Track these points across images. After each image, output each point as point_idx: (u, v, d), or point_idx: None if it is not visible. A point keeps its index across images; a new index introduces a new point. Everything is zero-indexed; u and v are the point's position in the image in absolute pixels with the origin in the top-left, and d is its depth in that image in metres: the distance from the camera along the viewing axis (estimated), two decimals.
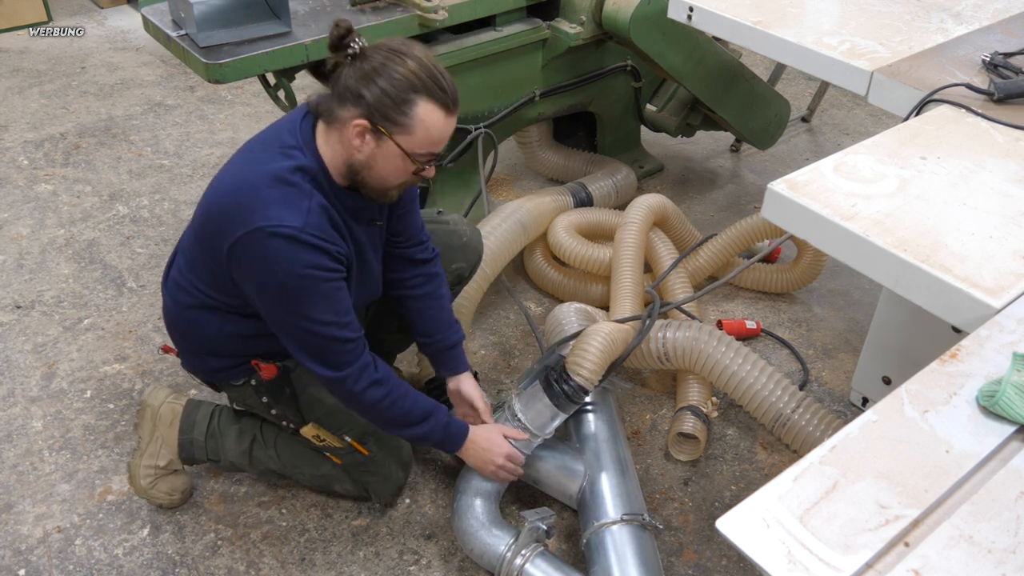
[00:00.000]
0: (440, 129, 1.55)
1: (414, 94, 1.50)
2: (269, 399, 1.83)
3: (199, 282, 1.71)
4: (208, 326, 1.74)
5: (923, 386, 1.13)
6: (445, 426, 1.79)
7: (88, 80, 4.06)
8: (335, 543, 1.96)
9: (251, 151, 1.65)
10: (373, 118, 1.51)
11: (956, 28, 2.10)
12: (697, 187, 3.35)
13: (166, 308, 1.82)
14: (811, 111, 3.81)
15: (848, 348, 2.56)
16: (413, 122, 1.51)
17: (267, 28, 2.21)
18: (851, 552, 0.91)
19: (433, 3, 2.35)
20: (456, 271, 2.12)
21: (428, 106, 1.51)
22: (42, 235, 2.98)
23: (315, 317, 1.58)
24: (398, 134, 1.53)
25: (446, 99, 1.53)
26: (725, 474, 2.16)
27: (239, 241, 1.53)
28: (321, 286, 1.56)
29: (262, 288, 1.58)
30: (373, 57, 1.51)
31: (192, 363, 1.86)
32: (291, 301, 1.56)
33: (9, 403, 2.31)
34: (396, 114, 1.51)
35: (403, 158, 1.56)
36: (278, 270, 1.53)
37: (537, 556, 1.77)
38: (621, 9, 2.58)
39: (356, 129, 1.52)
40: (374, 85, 1.49)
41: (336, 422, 1.85)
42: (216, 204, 1.62)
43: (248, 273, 1.58)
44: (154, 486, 1.96)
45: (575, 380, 1.89)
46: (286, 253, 1.51)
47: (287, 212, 1.52)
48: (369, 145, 1.54)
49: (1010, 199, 1.46)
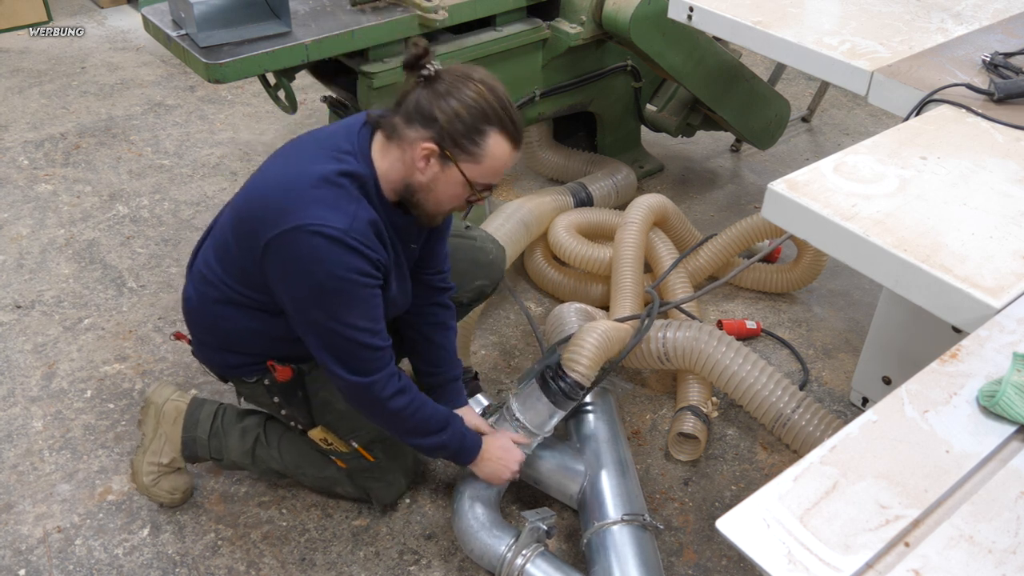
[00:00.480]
0: (505, 162, 1.56)
1: (487, 125, 1.50)
2: (281, 399, 1.82)
3: (228, 277, 1.69)
4: (231, 322, 1.73)
5: (923, 386, 1.13)
6: (462, 437, 1.79)
7: (88, 80, 4.06)
8: (335, 543, 1.96)
9: (301, 150, 1.63)
10: (443, 143, 1.51)
11: (956, 28, 2.10)
12: (697, 187, 3.35)
13: (188, 298, 1.80)
14: (811, 111, 3.81)
15: (848, 348, 2.56)
16: (482, 152, 1.52)
17: (267, 28, 2.21)
18: (851, 552, 0.91)
19: (433, 3, 2.35)
20: (478, 288, 2.12)
21: (499, 138, 1.52)
22: (42, 235, 2.98)
23: (350, 321, 1.56)
24: (465, 162, 1.53)
25: (516, 133, 1.55)
26: (725, 474, 2.16)
27: (277, 238, 1.51)
28: (360, 291, 1.55)
29: (297, 288, 1.55)
30: (449, 82, 1.51)
31: (206, 355, 1.85)
32: (327, 303, 1.54)
33: (9, 403, 2.31)
34: (467, 142, 1.51)
35: (464, 185, 1.56)
36: (318, 270, 1.51)
37: (538, 556, 1.77)
38: (621, 9, 2.58)
39: (423, 152, 1.52)
40: (449, 110, 1.49)
41: (345, 427, 1.85)
42: (257, 199, 1.60)
43: (283, 271, 1.55)
44: (156, 483, 1.97)
45: (571, 377, 1.88)
46: (328, 254, 1.50)
47: (332, 213, 1.50)
48: (433, 169, 1.54)
49: (1010, 199, 1.46)
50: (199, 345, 1.85)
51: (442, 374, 1.94)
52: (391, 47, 2.41)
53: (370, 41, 2.34)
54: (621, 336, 2.03)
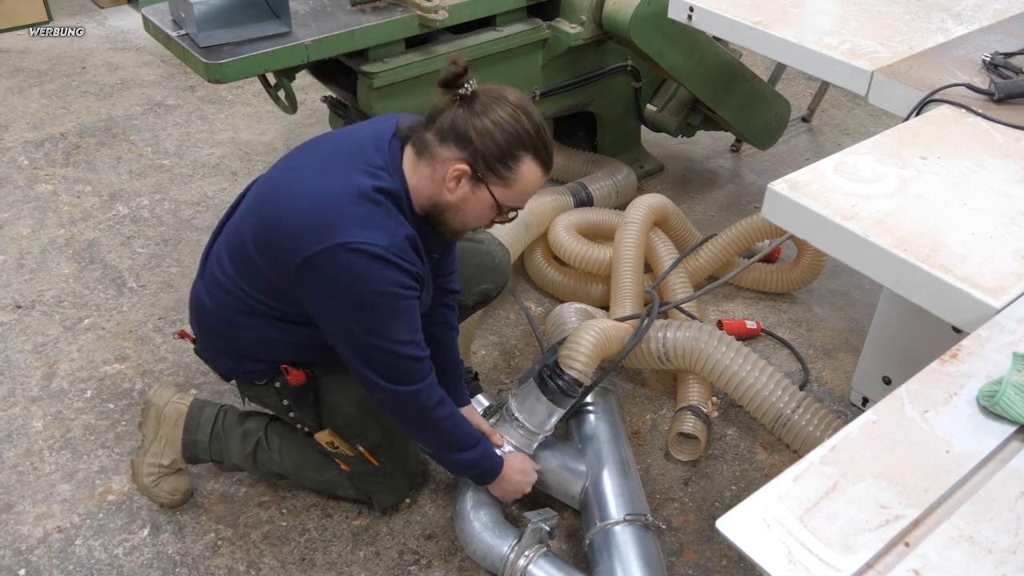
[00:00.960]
0: (535, 187, 1.57)
1: (522, 151, 1.50)
2: (291, 402, 1.80)
3: (250, 287, 1.66)
4: (253, 332, 1.70)
5: (923, 386, 1.13)
6: (492, 457, 1.80)
7: (88, 80, 4.06)
8: (335, 543, 1.96)
9: (330, 162, 1.59)
10: (476, 165, 1.51)
11: (956, 28, 2.10)
12: (697, 187, 3.35)
13: (201, 305, 1.75)
14: (811, 111, 3.81)
15: (848, 348, 2.56)
16: (515, 177, 1.52)
17: (267, 28, 2.21)
18: (851, 552, 0.91)
19: (433, 3, 2.35)
20: (483, 291, 2.12)
21: (532, 165, 1.52)
22: (42, 235, 2.98)
23: (392, 335, 1.56)
24: (496, 185, 1.53)
25: (548, 159, 1.55)
26: (725, 474, 2.16)
27: (317, 256, 1.50)
28: (401, 304, 1.55)
29: (337, 305, 1.54)
30: (486, 103, 1.50)
31: (215, 358, 1.82)
32: (369, 319, 1.54)
33: (9, 403, 2.31)
34: (500, 167, 1.51)
35: (492, 208, 1.57)
36: (360, 287, 1.50)
37: (540, 557, 1.77)
38: (621, 9, 2.58)
39: (455, 172, 1.51)
40: (485, 133, 1.49)
41: (352, 431, 1.84)
42: (289, 212, 1.55)
43: (321, 289, 1.53)
44: (157, 484, 1.96)
45: (568, 375, 1.88)
46: (370, 271, 1.49)
47: (372, 231, 1.49)
48: (463, 189, 1.54)
49: (1010, 199, 1.46)
50: (208, 348, 1.81)
51: (446, 373, 1.93)
52: (391, 47, 2.41)
53: (370, 41, 2.34)
54: (620, 335, 2.03)
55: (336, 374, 1.78)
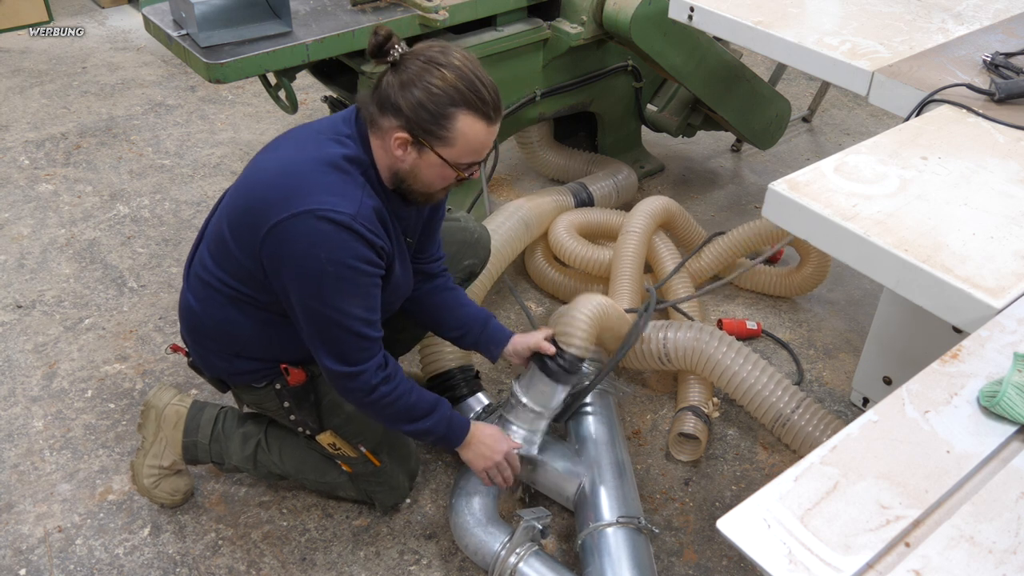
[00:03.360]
0: (482, 139, 1.53)
1: (453, 108, 1.48)
2: (291, 404, 1.80)
3: (229, 277, 1.66)
4: (239, 326, 1.70)
5: (924, 386, 1.13)
6: (448, 421, 1.77)
7: (89, 80, 4.06)
8: (336, 543, 1.96)
9: (300, 139, 1.62)
10: (413, 131, 1.50)
11: (957, 28, 2.10)
12: (698, 187, 3.35)
13: (189, 310, 1.75)
14: (812, 111, 3.81)
15: (849, 348, 2.56)
16: (454, 135, 1.50)
17: (268, 28, 2.21)
18: (852, 552, 0.91)
19: (434, 3, 2.35)
20: (468, 267, 2.12)
21: (468, 119, 1.50)
22: (43, 235, 2.98)
23: (348, 310, 1.55)
24: (439, 146, 1.52)
25: (487, 109, 1.51)
26: (726, 474, 2.16)
27: (282, 223, 1.49)
28: (362, 279, 1.54)
29: (299, 273, 1.52)
30: (410, 67, 1.48)
31: (211, 364, 1.80)
32: (329, 290, 1.53)
33: (10, 403, 2.31)
34: (436, 128, 1.49)
35: (446, 167, 1.55)
36: (323, 256, 1.49)
37: (531, 555, 1.77)
38: (622, 9, 2.58)
39: (397, 141, 1.51)
40: (413, 99, 1.47)
41: (352, 431, 1.84)
42: (259, 188, 1.57)
43: (286, 256, 1.52)
44: (157, 486, 1.96)
45: (569, 352, 1.86)
46: (336, 240, 1.48)
47: (339, 199, 1.49)
48: (411, 155, 1.54)
49: (1011, 199, 1.46)
50: (203, 355, 1.80)
51: (474, 326, 1.91)
52: None
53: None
54: (617, 312, 2.00)
55: None
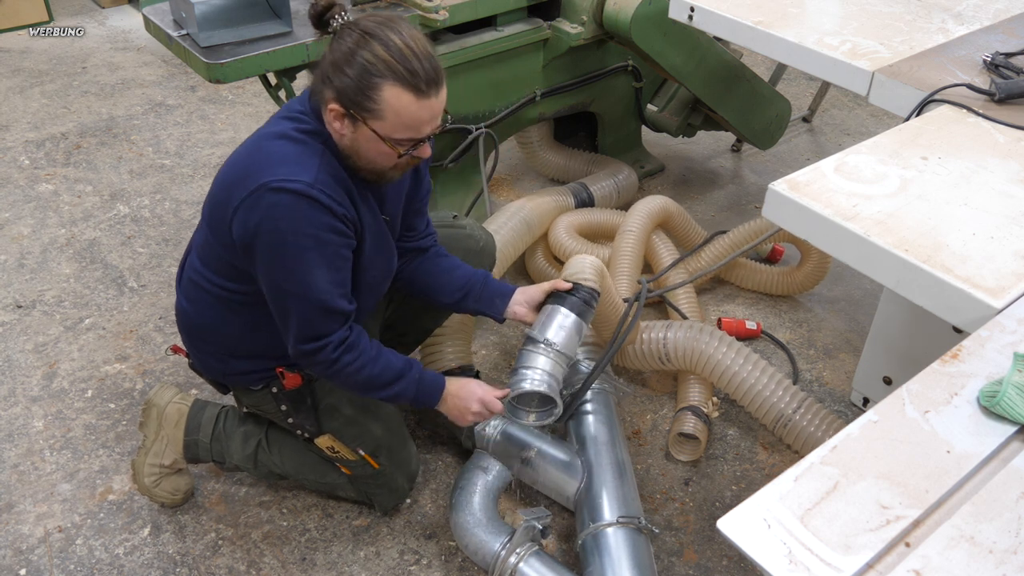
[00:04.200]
0: (412, 113, 1.46)
1: (378, 79, 1.43)
2: (288, 408, 1.80)
3: (216, 275, 1.66)
4: (230, 325, 1.70)
5: (924, 386, 1.13)
6: (418, 381, 1.72)
7: (89, 80, 4.06)
8: (336, 543, 1.96)
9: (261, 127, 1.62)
10: (344, 103, 1.47)
11: (957, 28, 2.10)
12: (698, 187, 3.35)
13: (182, 312, 1.77)
14: (812, 111, 3.81)
15: (849, 348, 2.56)
16: (382, 107, 1.45)
17: (268, 28, 2.21)
18: (852, 552, 0.91)
19: (434, 3, 2.35)
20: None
21: (394, 90, 1.44)
22: (43, 235, 2.98)
23: (312, 282, 1.51)
24: (370, 120, 1.47)
25: (416, 82, 1.44)
26: (726, 474, 2.15)
27: (243, 203, 1.48)
28: (326, 249, 1.51)
29: (264, 248, 1.50)
30: (346, 39, 1.46)
31: (209, 366, 1.81)
32: (292, 261, 1.49)
33: (10, 403, 2.31)
34: (363, 100, 1.45)
35: (381, 143, 1.50)
36: (283, 227, 1.46)
37: (531, 555, 1.77)
38: (622, 9, 2.58)
39: (332, 113, 1.49)
40: (341, 70, 1.45)
41: (350, 434, 1.83)
42: (223, 174, 1.58)
43: (250, 235, 1.50)
44: (158, 484, 1.96)
45: (586, 287, 1.82)
46: (294, 210, 1.46)
47: (295, 168, 1.47)
48: (348, 129, 1.50)
49: (1011, 199, 1.46)
50: (201, 356, 1.81)
51: (475, 283, 1.87)
52: None
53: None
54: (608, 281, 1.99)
55: None
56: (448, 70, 2.55)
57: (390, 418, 1.88)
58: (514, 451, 1.96)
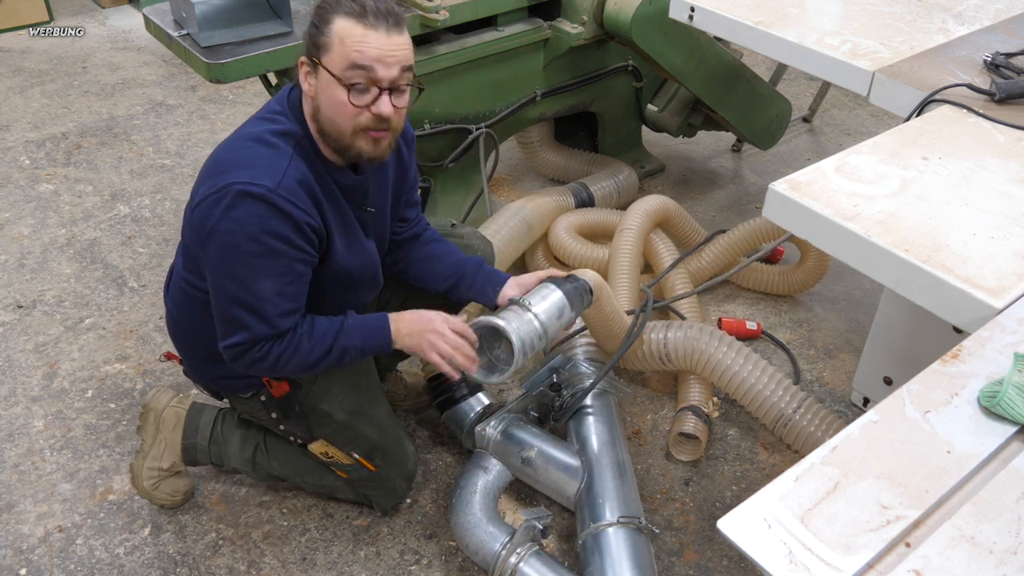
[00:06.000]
0: (356, 41, 1.45)
1: (330, 13, 1.47)
2: (279, 415, 1.80)
3: (193, 276, 1.66)
4: (211, 328, 1.68)
5: (924, 386, 1.13)
6: (358, 328, 1.65)
7: (89, 80, 4.06)
8: (336, 543, 1.96)
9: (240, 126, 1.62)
10: (308, 52, 1.51)
11: (957, 28, 2.10)
12: (698, 187, 3.35)
13: (170, 317, 1.79)
14: (812, 111, 3.81)
15: (849, 348, 2.56)
16: (330, 39, 1.47)
17: (268, 28, 2.21)
18: (852, 552, 0.91)
19: (434, 3, 2.35)
20: None
21: (342, 21, 1.46)
22: (43, 235, 2.98)
23: (255, 289, 1.50)
24: (323, 57, 1.48)
25: (364, 13, 1.46)
26: (726, 474, 2.15)
27: (204, 201, 1.48)
28: (278, 260, 1.50)
29: (215, 247, 1.49)
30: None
31: (197, 371, 1.82)
32: (240, 265, 1.48)
33: (10, 403, 2.31)
34: (318, 37, 1.48)
35: (335, 84, 1.48)
36: (237, 229, 1.45)
37: (532, 555, 1.77)
38: (622, 9, 2.58)
39: (303, 71, 1.51)
40: (309, 21, 1.51)
41: (344, 439, 1.82)
42: (199, 176, 1.59)
43: (205, 232, 1.49)
44: (157, 487, 1.96)
45: (582, 279, 1.84)
46: (251, 214, 1.45)
47: (258, 172, 1.47)
48: (312, 83, 1.52)
49: (1012, 199, 1.46)
50: (188, 360, 1.83)
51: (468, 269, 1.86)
52: None
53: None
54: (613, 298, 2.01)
55: (321, 382, 1.76)
56: (448, 70, 2.57)
57: (384, 420, 1.87)
58: (514, 451, 1.96)
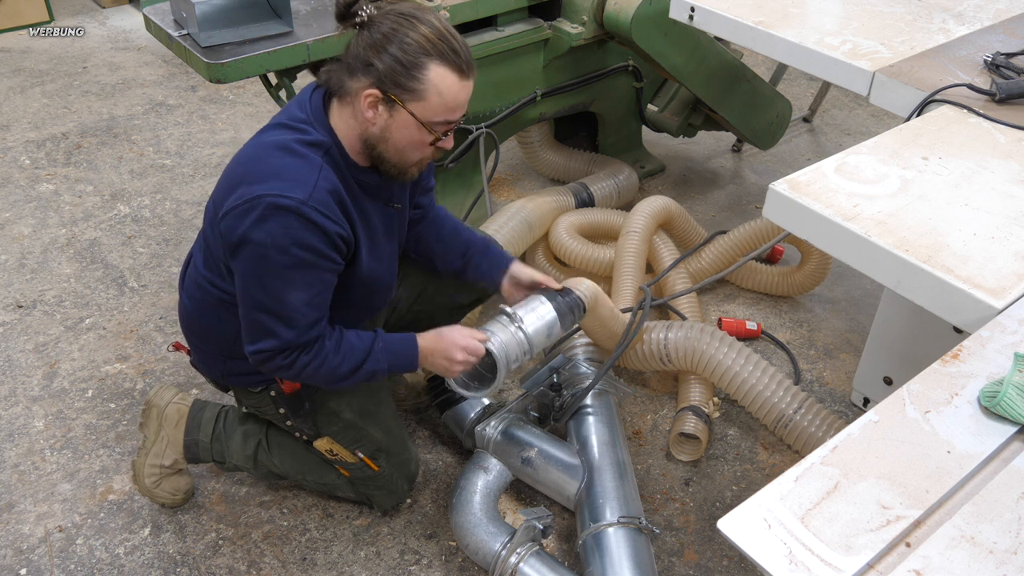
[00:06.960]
0: (455, 94, 1.49)
1: (426, 58, 1.45)
2: (287, 411, 1.80)
3: (216, 277, 1.66)
4: (227, 325, 1.70)
5: (925, 386, 1.13)
6: (387, 352, 1.67)
7: (90, 80, 4.06)
8: (336, 543, 1.96)
9: (261, 131, 1.61)
10: (384, 87, 1.47)
11: (958, 28, 2.10)
12: (698, 187, 3.35)
13: (184, 310, 1.78)
14: (813, 111, 3.81)
15: (850, 348, 2.56)
16: (426, 87, 1.46)
17: (269, 28, 2.21)
18: (852, 552, 0.91)
19: (435, 3, 2.35)
20: (481, 289, 2.09)
21: (440, 70, 1.46)
22: (44, 235, 2.98)
23: (285, 299, 1.51)
24: (411, 102, 1.48)
25: (460, 62, 1.47)
26: (726, 474, 2.15)
27: (233, 210, 1.48)
28: (308, 271, 1.50)
29: (245, 257, 1.50)
30: (383, 23, 1.46)
31: (208, 364, 1.83)
32: (270, 276, 1.49)
33: (11, 402, 2.31)
34: (408, 80, 1.46)
35: (418, 128, 1.50)
36: (269, 242, 1.46)
37: (532, 555, 1.77)
38: (623, 9, 2.58)
39: (368, 100, 1.48)
40: (384, 52, 1.45)
41: (349, 438, 1.83)
42: (223, 179, 1.58)
43: (235, 243, 1.50)
44: (158, 485, 1.96)
45: (575, 293, 1.84)
46: (283, 227, 1.45)
47: (290, 184, 1.47)
48: (382, 116, 1.50)
49: (1012, 199, 1.46)
50: (200, 354, 1.83)
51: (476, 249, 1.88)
52: None
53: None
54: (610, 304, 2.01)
55: None
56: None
57: (390, 421, 1.88)
58: (514, 451, 1.96)
